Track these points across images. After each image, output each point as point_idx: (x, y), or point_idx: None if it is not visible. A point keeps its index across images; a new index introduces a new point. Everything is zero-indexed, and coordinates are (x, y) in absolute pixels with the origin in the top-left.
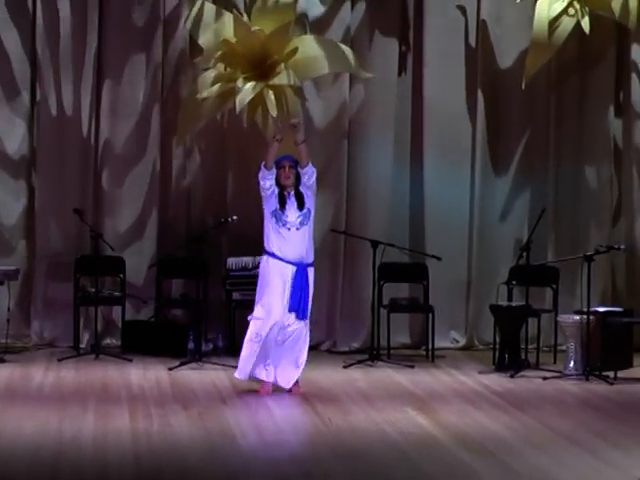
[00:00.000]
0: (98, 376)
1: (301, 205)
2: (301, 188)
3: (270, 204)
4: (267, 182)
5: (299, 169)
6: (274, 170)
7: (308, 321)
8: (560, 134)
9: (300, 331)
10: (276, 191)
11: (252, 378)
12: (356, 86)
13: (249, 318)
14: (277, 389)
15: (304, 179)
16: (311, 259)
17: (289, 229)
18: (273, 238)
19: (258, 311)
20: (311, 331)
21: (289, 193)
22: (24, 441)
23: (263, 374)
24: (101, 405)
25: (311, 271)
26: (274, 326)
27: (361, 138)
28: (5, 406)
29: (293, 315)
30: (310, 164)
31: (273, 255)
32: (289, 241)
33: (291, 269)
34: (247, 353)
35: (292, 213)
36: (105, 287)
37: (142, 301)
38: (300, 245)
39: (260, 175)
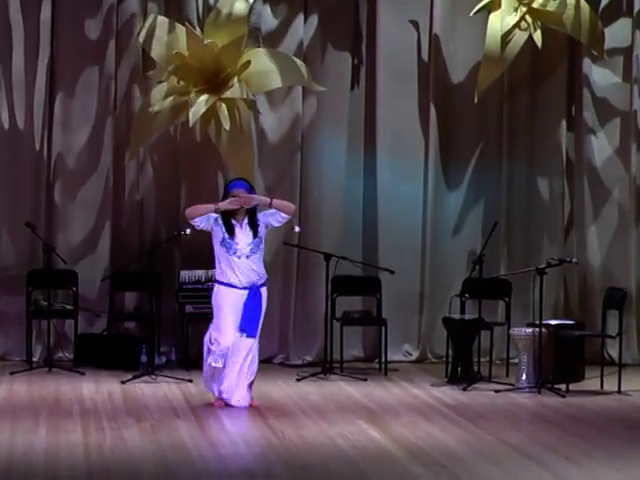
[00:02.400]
0: (50, 390)
1: (255, 234)
2: (260, 217)
3: (216, 235)
4: (198, 225)
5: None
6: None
7: (257, 339)
8: (512, 148)
9: (250, 349)
10: (219, 220)
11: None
12: (309, 99)
13: (205, 341)
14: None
15: (275, 217)
16: (263, 279)
17: (239, 257)
18: (224, 267)
19: (214, 336)
20: (261, 347)
21: (241, 222)
22: None
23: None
24: (53, 419)
25: (264, 290)
26: (227, 351)
27: (314, 151)
28: None
29: (244, 335)
30: (291, 215)
31: (224, 284)
32: (240, 268)
33: (243, 293)
34: (207, 375)
35: (243, 241)
36: (58, 300)
37: (95, 314)
38: (251, 271)
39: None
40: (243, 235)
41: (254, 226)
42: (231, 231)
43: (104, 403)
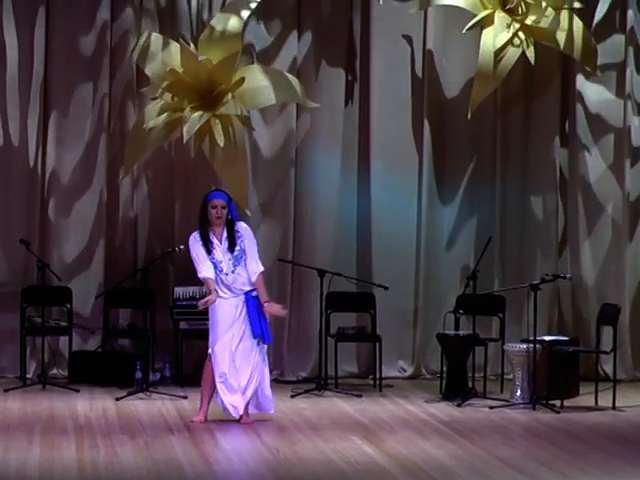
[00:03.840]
0: (44, 407)
1: (232, 247)
2: (242, 235)
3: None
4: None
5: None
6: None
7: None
8: (506, 163)
9: (260, 356)
10: (197, 238)
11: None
12: (303, 115)
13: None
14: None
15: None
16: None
17: (227, 274)
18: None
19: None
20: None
21: (220, 236)
22: None
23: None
24: (47, 436)
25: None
26: (229, 360)
27: (308, 167)
28: None
29: (255, 341)
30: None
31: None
32: (227, 284)
33: (240, 299)
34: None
35: (224, 257)
36: (52, 317)
37: (89, 331)
38: (240, 283)
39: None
40: (222, 252)
41: (232, 240)
42: (209, 248)
43: (98, 420)
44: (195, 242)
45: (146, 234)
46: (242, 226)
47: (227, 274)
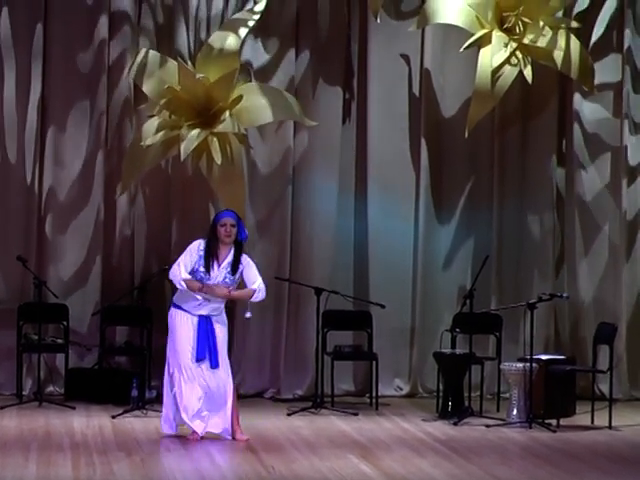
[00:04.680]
0: (41, 424)
1: (234, 270)
2: (243, 265)
3: (188, 267)
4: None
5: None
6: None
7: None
8: (503, 182)
9: (225, 382)
10: (201, 249)
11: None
12: (300, 133)
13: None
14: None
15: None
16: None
17: (212, 280)
18: (186, 296)
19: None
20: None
21: (221, 260)
22: None
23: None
24: (43, 453)
25: (222, 318)
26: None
27: (305, 185)
28: None
29: (205, 363)
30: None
31: (180, 308)
32: (201, 306)
33: (195, 320)
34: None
35: (217, 273)
36: (48, 334)
37: (86, 348)
38: (211, 309)
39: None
40: (218, 275)
41: (235, 266)
42: (208, 268)
43: (94, 437)
44: (195, 251)
45: (143, 251)
46: (246, 259)
47: (212, 280)
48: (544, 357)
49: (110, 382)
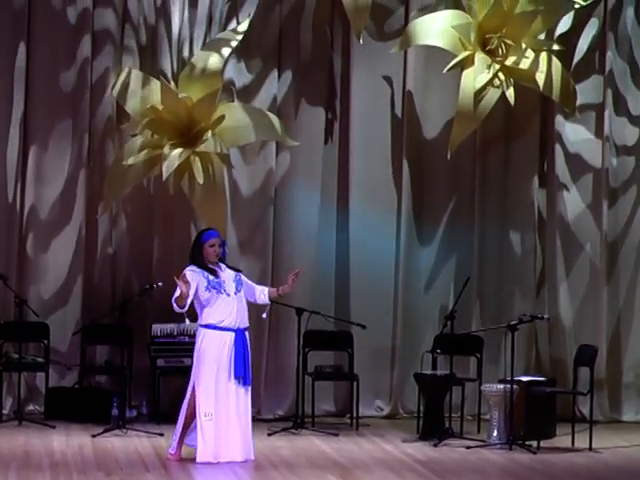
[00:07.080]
0: (20, 443)
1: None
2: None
3: (201, 283)
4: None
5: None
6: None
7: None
8: (485, 203)
9: (247, 399)
10: (204, 274)
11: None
12: (282, 154)
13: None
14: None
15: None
16: (247, 322)
17: (229, 295)
18: (213, 309)
19: (200, 388)
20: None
21: (218, 266)
22: None
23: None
24: (23, 472)
25: (247, 335)
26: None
27: (287, 205)
28: None
29: (239, 382)
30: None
31: (210, 326)
32: (230, 307)
33: (230, 336)
34: (207, 435)
35: (228, 279)
36: (29, 353)
37: (66, 367)
38: (241, 310)
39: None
40: (225, 274)
41: (232, 269)
42: (214, 272)
43: (74, 456)
44: (194, 270)
45: (124, 270)
46: (240, 276)
47: (230, 295)
48: (525, 379)
49: (90, 401)
